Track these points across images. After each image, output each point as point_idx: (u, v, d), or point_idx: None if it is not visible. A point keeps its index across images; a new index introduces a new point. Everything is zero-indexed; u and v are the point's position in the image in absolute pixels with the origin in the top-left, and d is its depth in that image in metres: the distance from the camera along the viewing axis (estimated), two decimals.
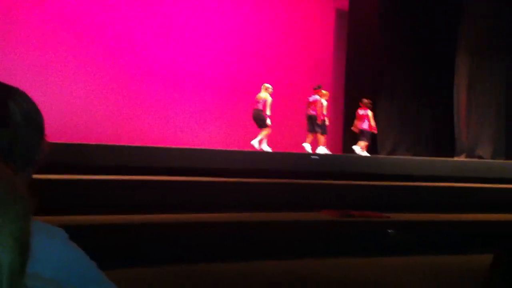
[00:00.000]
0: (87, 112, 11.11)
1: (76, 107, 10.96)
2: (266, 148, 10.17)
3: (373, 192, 6.85)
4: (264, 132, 10.33)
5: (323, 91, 11.12)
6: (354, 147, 10.96)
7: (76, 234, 1.00)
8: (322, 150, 10.63)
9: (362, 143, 11.03)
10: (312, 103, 10.97)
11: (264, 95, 10.47)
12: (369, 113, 11.21)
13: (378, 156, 10.91)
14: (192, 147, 9.40)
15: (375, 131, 11.44)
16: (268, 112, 10.36)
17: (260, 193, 6.32)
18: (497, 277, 0.85)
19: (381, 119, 12.26)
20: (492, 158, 12.13)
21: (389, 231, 5.68)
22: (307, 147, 10.72)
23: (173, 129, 12.03)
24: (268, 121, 10.31)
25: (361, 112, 11.24)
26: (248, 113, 11.56)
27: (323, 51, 14.11)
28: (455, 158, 11.84)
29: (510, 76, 13.09)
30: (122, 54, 11.64)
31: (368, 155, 10.81)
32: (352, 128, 11.49)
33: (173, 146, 8.55)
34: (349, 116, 12.43)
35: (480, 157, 12.27)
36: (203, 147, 9.73)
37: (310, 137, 10.90)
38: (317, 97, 10.97)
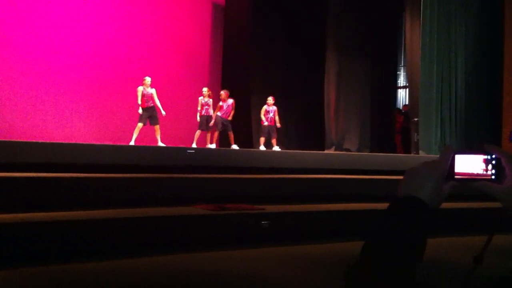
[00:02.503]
0: None
1: None
2: (160, 144, 10.03)
3: (247, 185, 6.94)
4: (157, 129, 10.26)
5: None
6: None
7: None
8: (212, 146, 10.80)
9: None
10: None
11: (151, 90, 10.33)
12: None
13: (251, 150, 11.11)
14: (59, 141, 8.91)
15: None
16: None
17: (134, 188, 6.13)
18: (364, 265, 0.86)
19: (254, 115, 12.49)
20: (358, 151, 12.93)
21: (263, 222, 5.79)
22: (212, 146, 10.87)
23: (42, 124, 11.39)
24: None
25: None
26: (124, 109, 11.26)
27: (200, 46, 14.10)
28: (325, 152, 12.42)
29: (375, 74, 14.05)
30: None
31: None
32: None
33: (40, 141, 8.02)
34: None
35: (347, 150, 13.02)
36: (72, 142, 9.26)
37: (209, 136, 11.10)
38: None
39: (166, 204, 6.01)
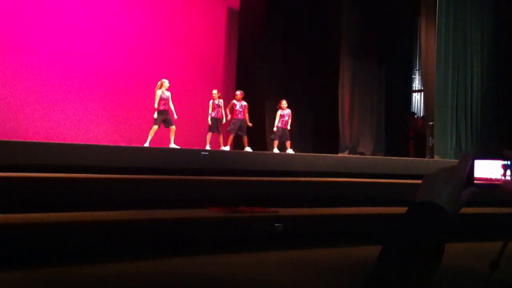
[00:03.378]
0: None
1: None
2: (173, 146, 10.04)
3: (261, 188, 6.94)
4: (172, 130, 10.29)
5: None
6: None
7: None
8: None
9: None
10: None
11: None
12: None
13: (265, 152, 11.11)
14: (74, 142, 8.98)
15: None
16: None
17: (147, 190, 6.16)
18: (382, 271, 0.86)
19: (270, 118, 12.50)
20: (372, 154, 12.87)
21: (277, 225, 5.78)
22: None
23: (56, 126, 11.51)
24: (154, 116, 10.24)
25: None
26: (138, 111, 11.30)
27: (214, 49, 14.15)
28: (339, 155, 12.38)
29: (389, 78, 13.98)
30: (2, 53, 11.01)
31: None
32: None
33: (54, 142, 8.10)
34: None
35: (361, 153, 12.96)
36: (88, 143, 9.32)
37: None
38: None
39: (179, 206, 6.02)
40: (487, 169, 0.96)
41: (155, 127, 10.12)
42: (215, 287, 4.15)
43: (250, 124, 11.23)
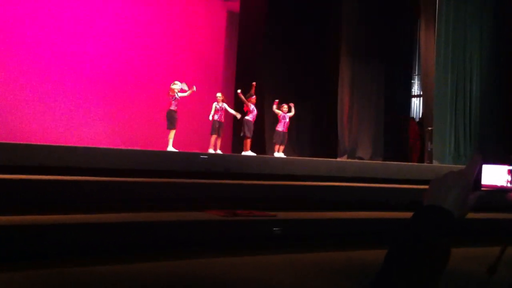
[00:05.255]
0: None
1: None
2: (171, 149, 10.01)
3: (259, 191, 6.93)
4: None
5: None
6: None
7: None
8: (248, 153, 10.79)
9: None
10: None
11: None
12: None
13: (264, 156, 11.09)
14: (72, 145, 8.96)
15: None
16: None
17: (146, 192, 6.15)
18: (388, 274, 0.86)
19: (268, 120, 12.49)
20: (371, 159, 12.86)
21: (275, 229, 5.77)
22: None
23: (54, 127, 11.48)
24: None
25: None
26: (136, 112, 11.28)
27: (214, 52, 14.15)
28: (338, 159, 12.37)
29: (389, 82, 13.98)
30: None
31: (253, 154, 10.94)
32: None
33: (52, 144, 8.08)
34: None
35: (360, 158, 12.95)
36: (85, 145, 9.31)
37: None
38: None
39: (178, 209, 6.02)
40: (495, 174, 0.96)
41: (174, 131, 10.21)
42: None
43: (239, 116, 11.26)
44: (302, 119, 13.08)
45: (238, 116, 11.30)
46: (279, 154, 11.25)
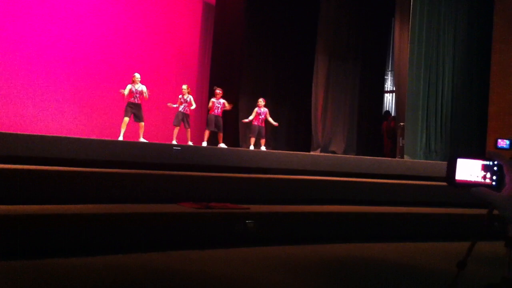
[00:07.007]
0: None
1: None
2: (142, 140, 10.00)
3: (233, 184, 6.93)
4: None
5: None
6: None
7: None
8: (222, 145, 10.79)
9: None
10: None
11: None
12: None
13: (239, 149, 11.09)
14: (51, 134, 8.83)
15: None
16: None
17: (118, 184, 6.08)
18: None
19: (243, 115, 12.48)
20: (344, 153, 12.97)
21: (248, 221, 5.78)
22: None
23: (33, 118, 11.38)
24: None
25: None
26: (112, 104, 11.17)
27: (190, 45, 14.07)
28: (311, 153, 12.44)
29: (363, 78, 14.11)
30: None
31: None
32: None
33: (33, 134, 7.93)
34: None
35: (333, 152, 13.06)
36: (62, 135, 9.17)
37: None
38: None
39: (150, 201, 5.98)
40: (469, 169, 0.96)
41: (126, 119, 10.08)
42: (185, 282, 4.13)
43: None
44: (278, 114, 13.11)
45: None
46: (262, 147, 11.29)
